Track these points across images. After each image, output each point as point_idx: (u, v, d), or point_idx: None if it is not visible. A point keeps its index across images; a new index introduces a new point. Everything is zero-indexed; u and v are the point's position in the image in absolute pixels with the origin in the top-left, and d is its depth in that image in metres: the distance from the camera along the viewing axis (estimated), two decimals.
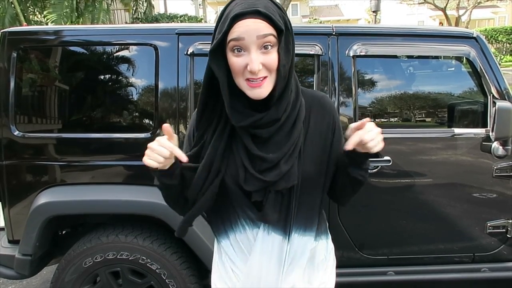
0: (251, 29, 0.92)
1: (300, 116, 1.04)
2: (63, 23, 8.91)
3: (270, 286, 1.10)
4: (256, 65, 0.93)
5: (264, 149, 1.01)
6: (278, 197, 1.04)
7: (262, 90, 0.97)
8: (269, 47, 0.95)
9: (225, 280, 1.16)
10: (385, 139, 1.24)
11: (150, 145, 0.96)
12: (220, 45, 0.97)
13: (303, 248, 1.10)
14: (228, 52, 0.97)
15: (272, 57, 0.96)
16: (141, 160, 1.80)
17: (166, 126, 0.98)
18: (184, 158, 0.98)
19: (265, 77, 0.96)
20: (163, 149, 0.95)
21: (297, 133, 1.03)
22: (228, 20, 0.93)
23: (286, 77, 0.99)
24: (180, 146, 1.03)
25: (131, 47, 2.11)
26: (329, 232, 1.22)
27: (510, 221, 2.15)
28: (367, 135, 0.95)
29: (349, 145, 0.97)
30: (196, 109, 1.09)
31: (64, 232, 2.39)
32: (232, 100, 0.99)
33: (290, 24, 1.01)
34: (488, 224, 2.15)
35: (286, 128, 1.02)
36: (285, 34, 0.97)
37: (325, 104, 1.12)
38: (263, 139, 1.02)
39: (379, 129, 0.98)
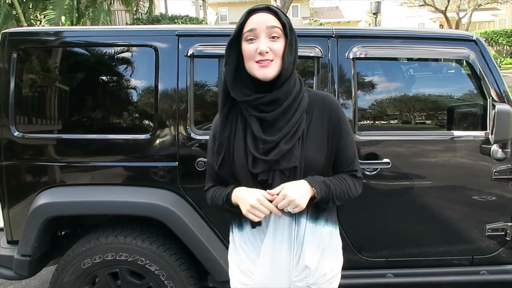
0: (262, 20, 1.17)
1: (301, 106, 1.22)
2: (62, 23, 8.91)
3: (284, 268, 1.25)
4: (264, 46, 1.15)
5: (269, 134, 1.20)
6: (283, 178, 1.19)
7: (269, 70, 1.17)
8: (276, 37, 1.17)
9: (241, 267, 1.31)
10: (384, 141, 1.29)
11: (253, 204, 1.16)
12: (237, 37, 1.20)
13: (309, 231, 1.25)
14: (243, 42, 1.19)
15: (278, 45, 1.18)
16: (141, 161, 1.96)
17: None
18: (279, 213, 1.19)
19: (271, 60, 1.16)
20: (265, 209, 1.17)
21: (296, 118, 1.20)
22: (244, 15, 1.19)
23: (289, 68, 1.19)
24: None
25: (131, 48, 2.11)
26: (338, 222, 1.36)
27: (509, 224, 2.15)
28: (280, 205, 1.16)
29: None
30: (219, 105, 1.29)
31: (63, 232, 2.39)
32: (239, 83, 1.21)
33: (294, 30, 1.23)
34: (487, 227, 2.15)
35: (288, 115, 1.20)
36: (290, 32, 1.19)
37: (328, 100, 1.29)
38: (268, 124, 1.20)
39: (286, 195, 1.15)
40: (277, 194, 1.16)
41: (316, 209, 1.26)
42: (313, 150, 1.21)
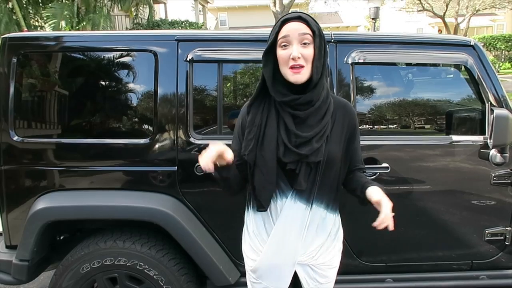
0: (294, 28, 1.31)
1: (329, 109, 1.39)
2: (62, 28, 8.93)
3: (291, 248, 1.41)
4: (296, 52, 1.29)
5: (299, 129, 1.34)
6: (308, 170, 1.36)
7: (300, 76, 1.31)
8: (307, 44, 1.31)
9: (252, 247, 1.46)
10: (383, 145, 1.34)
11: (203, 152, 1.27)
12: (272, 46, 1.35)
13: (320, 218, 1.42)
14: (277, 48, 1.34)
15: (309, 51, 1.31)
16: (140, 166, 1.99)
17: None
18: (229, 155, 1.30)
19: (302, 66, 1.30)
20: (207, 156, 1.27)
21: (326, 120, 1.37)
22: (278, 24, 1.34)
23: (319, 71, 1.33)
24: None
25: (130, 53, 2.11)
26: (338, 210, 1.52)
27: (508, 228, 2.15)
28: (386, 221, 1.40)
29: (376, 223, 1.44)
30: (253, 95, 1.43)
31: (62, 237, 2.38)
32: (277, 85, 1.36)
33: (324, 36, 1.36)
34: (486, 232, 2.15)
35: (318, 116, 1.36)
36: (319, 39, 1.33)
37: (348, 108, 1.47)
38: (300, 120, 1.35)
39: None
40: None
41: (331, 198, 1.44)
42: (335, 148, 1.39)
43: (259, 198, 1.40)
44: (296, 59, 1.29)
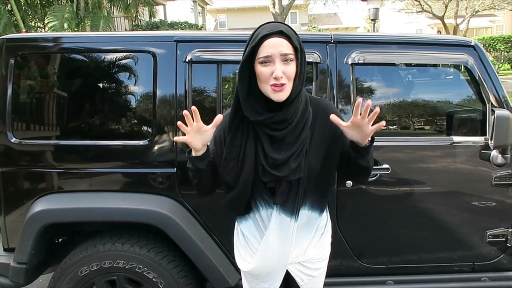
0: (276, 44, 1.24)
1: (308, 123, 1.33)
2: (64, 29, 8.93)
3: (280, 255, 1.42)
4: (279, 72, 1.23)
5: (279, 148, 1.32)
6: (288, 186, 1.34)
7: (283, 94, 1.26)
8: (289, 61, 1.26)
9: (247, 250, 1.47)
10: (384, 147, 1.32)
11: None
12: (249, 59, 1.27)
13: (307, 220, 1.42)
14: (257, 64, 1.27)
15: (291, 68, 1.26)
16: (139, 168, 1.98)
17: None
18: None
19: (284, 84, 1.25)
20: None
21: (304, 136, 1.32)
22: (257, 39, 1.25)
23: (298, 90, 1.29)
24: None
25: (129, 54, 2.10)
26: (327, 205, 1.52)
27: (510, 230, 2.14)
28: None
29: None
30: (230, 113, 1.37)
31: (60, 240, 2.37)
32: (252, 101, 1.30)
33: (304, 50, 1.31)
34: (488, 233, 2.14)
35: (296, 132, 1.31)
36: (301, 54, 1.28)
37: (328, 109, 1.38)
38: (278, 140, 1.32)
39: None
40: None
41: (317, 200, 1.42)
42: (314, 158, 1.35)
43: (233, 211, 1.46)
44: (279, 79, 1.23)
